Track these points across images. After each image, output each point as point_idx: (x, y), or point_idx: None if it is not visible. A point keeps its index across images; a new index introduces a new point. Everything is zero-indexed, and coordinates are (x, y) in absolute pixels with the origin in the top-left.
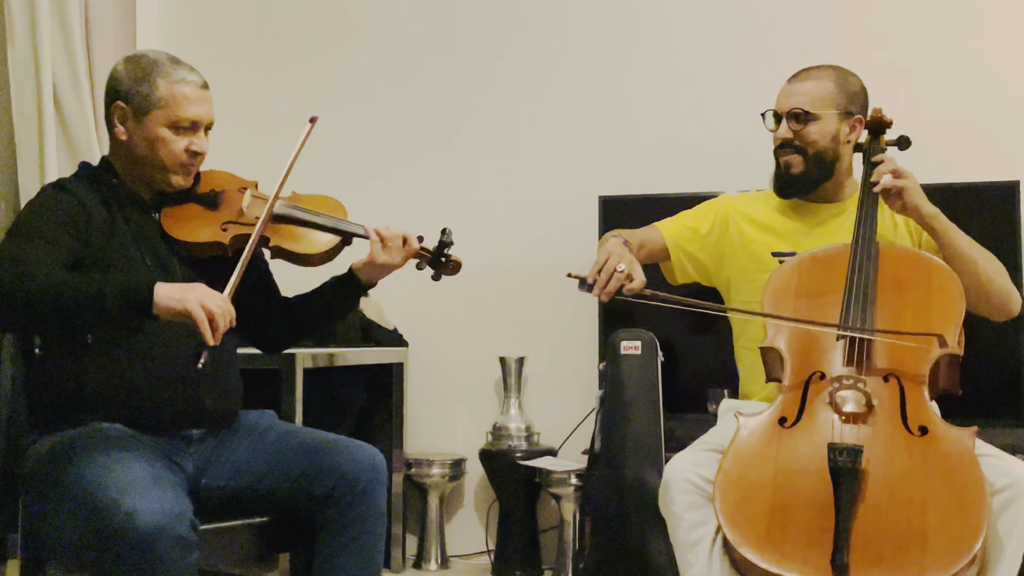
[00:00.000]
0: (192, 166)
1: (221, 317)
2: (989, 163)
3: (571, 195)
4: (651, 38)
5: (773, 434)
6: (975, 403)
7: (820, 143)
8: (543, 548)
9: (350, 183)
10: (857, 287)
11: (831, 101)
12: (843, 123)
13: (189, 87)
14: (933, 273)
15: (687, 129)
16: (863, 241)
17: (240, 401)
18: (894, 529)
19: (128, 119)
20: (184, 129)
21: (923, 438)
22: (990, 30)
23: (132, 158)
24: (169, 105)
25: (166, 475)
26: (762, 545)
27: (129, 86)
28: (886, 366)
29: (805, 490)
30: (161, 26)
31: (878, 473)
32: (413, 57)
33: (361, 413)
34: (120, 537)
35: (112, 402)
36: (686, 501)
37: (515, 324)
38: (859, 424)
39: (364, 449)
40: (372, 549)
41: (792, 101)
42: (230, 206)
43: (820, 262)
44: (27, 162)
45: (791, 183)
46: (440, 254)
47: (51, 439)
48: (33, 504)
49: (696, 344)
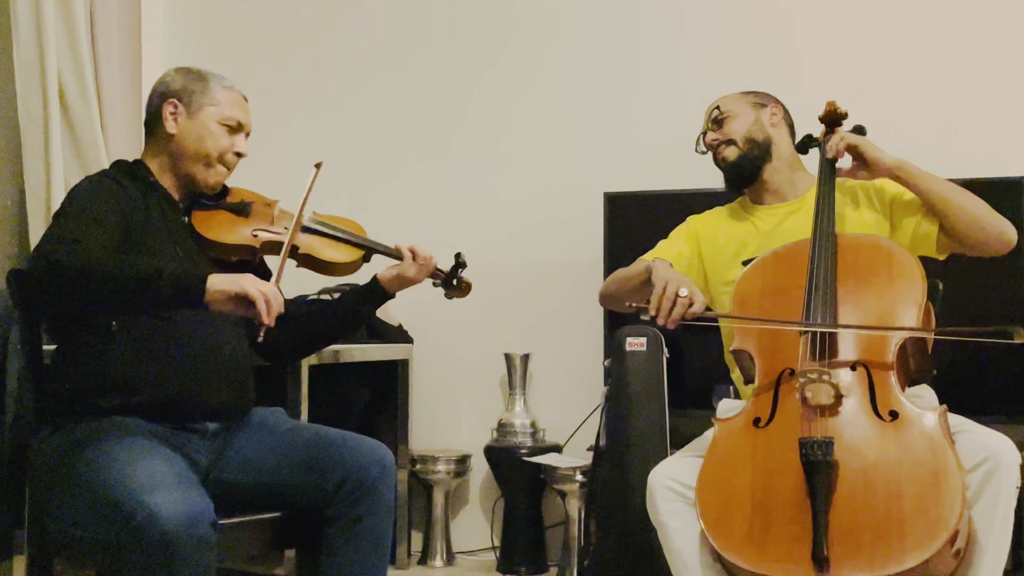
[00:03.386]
0: (232, 165)
1: (274, 298)
2: (994, 159)
3: (576, 191)
4: (657, 33)
5: (748, 435)
6: (1001, 398)
7: (743, 130)
8: (548, 544)
9: (354, 180)
10: (818, 280)
11: (738, 101)
12: (759, 111)
13: (237, 95)
14: (893, 257)
15: (692, 125)
16: (822, 234)
17: (253, 396)
18: (871, 517)
19: (180, 115)
20: (231, 128)
21: (893, 423)
22: (995, 25)
23: (175, 153)
24: (222, 104)
25: (187, 473)
26: (745, 548)
27: (184, 85)
28: (852, 356)
29: (783, 488)
30: (166, 25)
31: (851, 462)
32: (416, 53)
33: (366, 410)
34: (141, 536)
35: (131, 393)
36: (669, 508)
37: (520, 321)
38: (829, 416)
39: (372, 444)
40: (380, 543)
41: (707, 118)
42: (260, 215)
43: (782, 259)
44: (33, 159)
45: (733, 170)
46: (454, 276)
47: (65, 434)
48: (44, 499)
49: (701, 341)
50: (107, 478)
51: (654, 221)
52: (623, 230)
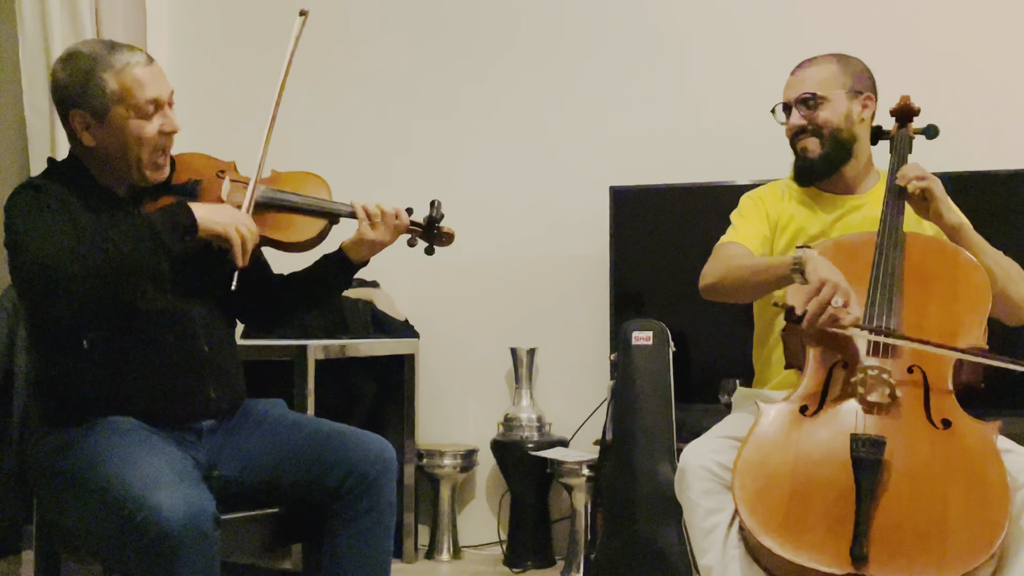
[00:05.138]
0: (167, 148)
1: (251, 240)
2: (1004, 151)
3: (582, 185)
4: (662, 27)
5: (794, 422)
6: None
7: (833, 122)
8: (555, 538)
9: (355, 174)
10: (883, 277)
11: (836, 82)
12: (853, 102)
13: (137, 69)
14: (960, 265)
15: (697, 119)
16: (890, 230)
17: (243, 390)
18: (914, 521)
19: (90, 125)
20: (148, 113)
21: (946, 431)
22: (1002, 16)
23: (104, 160)
24: (125, 96)
25: (188, 470)
26: (780, 533)
27: (79, 91)
28: (911, 359)
29: (825, 479)
30: (171, 20)
31: (900, 465)
32: (422, 46)
33: (373, 404)
34: (145, 532)
35: (121, 398)
36: (702, 488)
37: (526, 315)
38: (882, 415)
39: (374, 439)
40: (382, 539)
41: (799, 88)
42: (209, 195)
43: (844, 249)
44: (39, 156)
45: (811, 167)
46: (432, 227)
47: (62, 433)
48: (46, 497)
49: (707, 334)
50: (108, 476)
51: (659, 215)
52: (628, 224)
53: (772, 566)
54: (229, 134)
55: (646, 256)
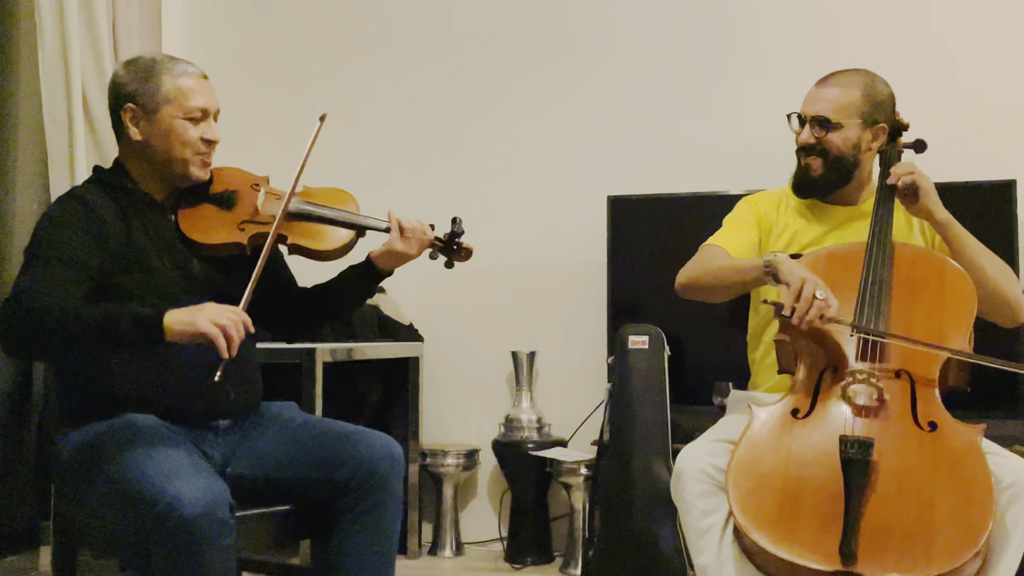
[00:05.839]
0: (208, 155)
1: (234, 329)
2: (985, 162)
3: (580, 194)
4: (660, 38)
5: (786, 425)
6: (975, 396)
7: (842, 150)
8: (554, 535)
9: (359, 184)
10: (872, 285)
11: (856, 110)
12: (866, 131)
13: (192, 79)
14: (947, 274)
15: (695, 129)
16: (878, 239)
17: (260, 392)
18: (902, 521)
19: (140, 119)
20: (195, 119)
21: (932, 433)
22: (985, 29)
23: (148, 157)
24: (177, 98)
25: (203, 463)
26: (772, 531)
27: (135, 87)
28: (898, 363)
29: (816, 480)
30: (186, 35)
31: (888, 466)
32: (424, 57)
33: (378, 405)
34: (164, 522)
35: (143, 397)
36: (698, 489)
37: (526, 320)
38: (870, 418)
39: (382, 438)
40: (389, 534)
41: (817, 107)
42: (245, 205)
43: (836, 259)
44: (58, 164)
45: (810, 184)
46: (452, 243)
47: (84, 432)
48: (69, 493)
49: (701, 339)
50: (127, 470)
51: (656, 224)
52: (626, 232)
53: (765, 564)
54: (238, 134)
55: (642, 263)
